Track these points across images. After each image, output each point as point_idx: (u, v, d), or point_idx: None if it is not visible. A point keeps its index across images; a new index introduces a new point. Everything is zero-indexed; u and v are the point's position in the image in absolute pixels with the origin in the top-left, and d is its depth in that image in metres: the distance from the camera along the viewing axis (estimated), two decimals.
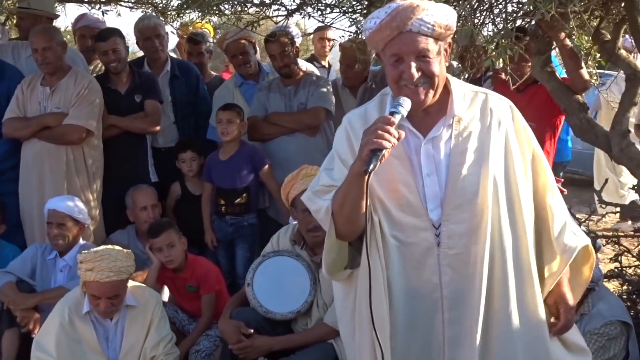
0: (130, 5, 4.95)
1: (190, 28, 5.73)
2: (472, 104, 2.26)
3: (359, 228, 2.20)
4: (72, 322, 3.50)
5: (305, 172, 3.55)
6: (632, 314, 3.78)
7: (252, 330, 3.50)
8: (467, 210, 2.19)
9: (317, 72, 5.38)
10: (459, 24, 3.91)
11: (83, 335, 3.51)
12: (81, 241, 4.17)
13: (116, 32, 4.72)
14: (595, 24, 3.88)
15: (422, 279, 2.23)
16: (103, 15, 4.98)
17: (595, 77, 4.09)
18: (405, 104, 2.12)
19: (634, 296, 4.16)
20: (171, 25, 5.27)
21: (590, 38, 3.96)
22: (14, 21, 5.47)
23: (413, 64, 2.12)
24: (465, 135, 2.22)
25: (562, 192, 2.68)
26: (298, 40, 5.16)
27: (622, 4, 3.73)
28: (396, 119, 2.07)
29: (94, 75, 4.94)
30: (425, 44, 2.12)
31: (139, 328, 3.55)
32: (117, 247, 3.56)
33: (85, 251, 3.51)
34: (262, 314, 3.55)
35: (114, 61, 4.64)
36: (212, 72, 5.87)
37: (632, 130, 4.55)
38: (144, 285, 3.82)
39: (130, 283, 3.59)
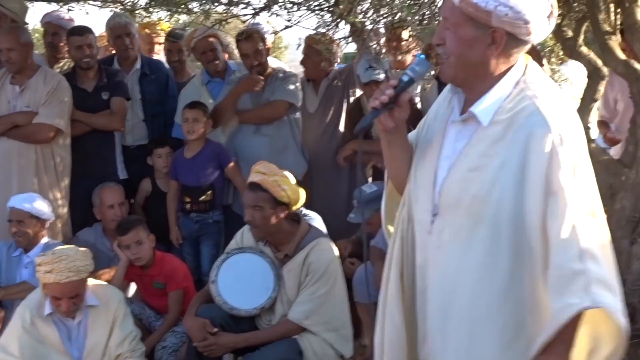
0: (99, 4, 4.95)
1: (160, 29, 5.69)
2: (513, 108, 1.93)
3: (402, 185, 2.19)
4: (34, 324, 3.49)
5: (257, 167, 3.57)
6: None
7: (217, 329, 3.51)
8: (455, 215, 1.97)
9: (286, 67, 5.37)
10: (422, 24, 3.94)
11: (46, 336, 3.50)
12: (46, 239, 4.17)
13: (90, 29, 4.74)
14: (557, 21, 3.92)
15: (414, 261, 2.10)
16: (69, 11, 4.97)
17: (558, 74, 4.14)
18: (420, 67, 2.01)
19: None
20: (139, 24, 5.26)
21: (552, 35, 4.00)
22: None
23: (441, 29, 1.94)
24: (481, 137, 1.95)
25: None
26: (270, 38, 5.16)
27: (584, 2, 3.76)
28: (403, 80, 1.99)
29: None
30: (448, 10, 1.92)
31: (102, 326, 3.55)
32: (75, 247, 3.55)
33: (43, 254, 3.51)
34: (227, 311, 3.56)
35: (88, 56, 4.64)
36: (189, 71, 5.84)
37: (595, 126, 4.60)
38: (106, 283, 3.82)
39: (92, 282, 3.59)
